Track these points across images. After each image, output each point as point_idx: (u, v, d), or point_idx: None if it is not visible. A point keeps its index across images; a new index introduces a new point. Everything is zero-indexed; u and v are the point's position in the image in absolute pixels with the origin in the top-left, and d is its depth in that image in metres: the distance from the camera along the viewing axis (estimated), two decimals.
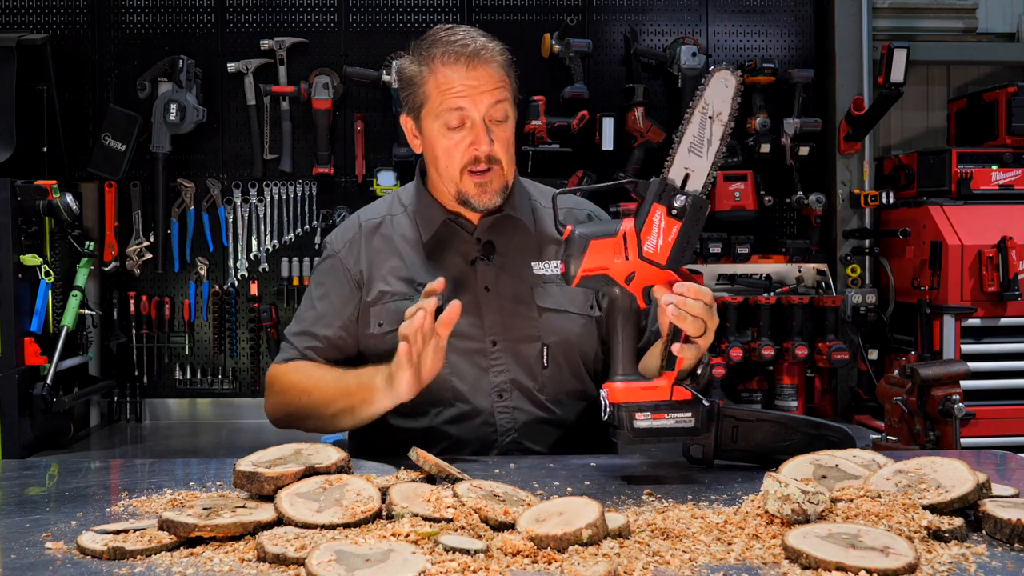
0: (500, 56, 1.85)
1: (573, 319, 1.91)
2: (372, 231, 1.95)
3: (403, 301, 1.86)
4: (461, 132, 1.82)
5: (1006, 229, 3.24)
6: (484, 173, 1.83)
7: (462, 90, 1.80)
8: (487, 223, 1.90)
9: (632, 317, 1.55)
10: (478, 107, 1.81)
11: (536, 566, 1.10)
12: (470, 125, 1.81)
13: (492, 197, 1.85)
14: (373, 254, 1.93)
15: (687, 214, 1.52)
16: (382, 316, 1.88)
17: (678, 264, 1.52)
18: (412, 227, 1.94)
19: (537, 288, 1.89)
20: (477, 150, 1.81)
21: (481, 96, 1.81)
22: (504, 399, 1.87)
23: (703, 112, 1.56)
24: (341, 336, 1.92)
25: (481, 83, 1.81)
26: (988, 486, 1.27)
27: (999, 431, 3.18)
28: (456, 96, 1.80)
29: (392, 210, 1.98)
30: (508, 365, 1.87)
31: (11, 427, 2.83)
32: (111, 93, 3.54)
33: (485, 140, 1.81)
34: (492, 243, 1.90)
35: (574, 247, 1.54)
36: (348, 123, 3.59)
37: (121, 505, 1.40)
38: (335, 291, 1.94)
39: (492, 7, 3.60)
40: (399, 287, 1.89)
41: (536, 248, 1.92)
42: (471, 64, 1.81)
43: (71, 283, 3.12)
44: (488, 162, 1.82)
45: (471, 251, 1.90)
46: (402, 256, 1.92)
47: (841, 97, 3.62)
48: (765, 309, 3.42)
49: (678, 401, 1.52)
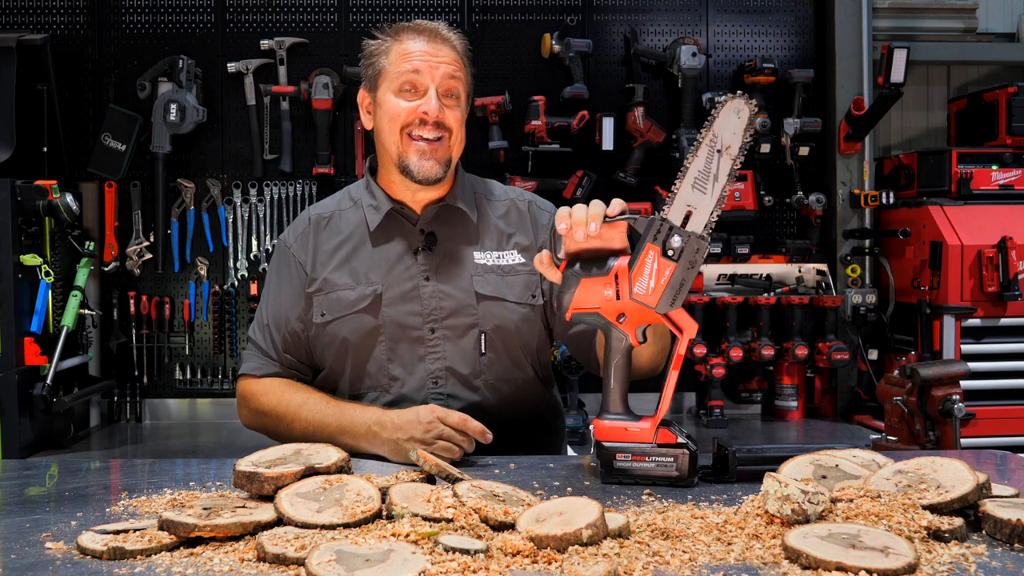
0: (459, 43, 1.95)
1: (512, 308, 1.95)
2: (321, 225, 2.02)
3: (344, 291, 1.94)
4: (413, 96, 1.89)
5: (1006, 229, 3.24)
6: (431, 142, 1.88)
7: (420, 56, 1.89)
8: (430, 213, 1.96)
9: (625, 356, 1.55)
10: (433, 73, 1.88)
11: (536, 566, 1.10)
12: (422, 91, 1.89)
13: (433, 166, 1.89)
14: (320, 246, 1.99)
15: (682, 256, 1.49)
16: (324, 306, 1.95)
17: (670, 306, 1.50)
18: (360, 219, 2.00)
19: (476, 277, 1.94)
20: (424, 111, 1.87)
21: (437, 66, 1.89)
22: (439, 386, 1.92)
23: (711, 145, 1.50)
24: (297, 329, 1.98)
25: (440, 56, 1.90)
26: (988, 486, 1.28)
27: (999, 431, 3.18)
28: (414, 60, 1.89)
29: (342, 204, 2.05)
30: (445, 352, 1.92)
31: (11, 427, 2.83)
32: (111, 93, 3.54)
33: (434, 103, 1.87)
34: (434, 234, 1.96)
35: (566, 283, 1.55)
36: (348, 123, 3.59)
37: (121, 505, 1.40)
38: (289, 284, 2.00)
39: (492, 7, 3.60)
40: (342, 278, 1.95)
41: (478, 238, 1.98)
42: (432, 39, 1.91)
43: (71, 283, 3.12)
44: (436, 128, 1.88)
45: (414, 241, 1.96)
46: (347, 249, 1.98)
47: (841, 97, 3.61)
48: (765, 309, 3.42)
49: (662, 445, 1.52)
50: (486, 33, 3.60)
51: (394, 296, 1.92)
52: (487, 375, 1.94)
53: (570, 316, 1.56)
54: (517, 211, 2.03)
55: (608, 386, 1.56)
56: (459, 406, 1.90)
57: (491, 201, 2.04)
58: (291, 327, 1.99)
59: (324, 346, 1.96)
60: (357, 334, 1.92)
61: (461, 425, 1.71)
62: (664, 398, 1.53)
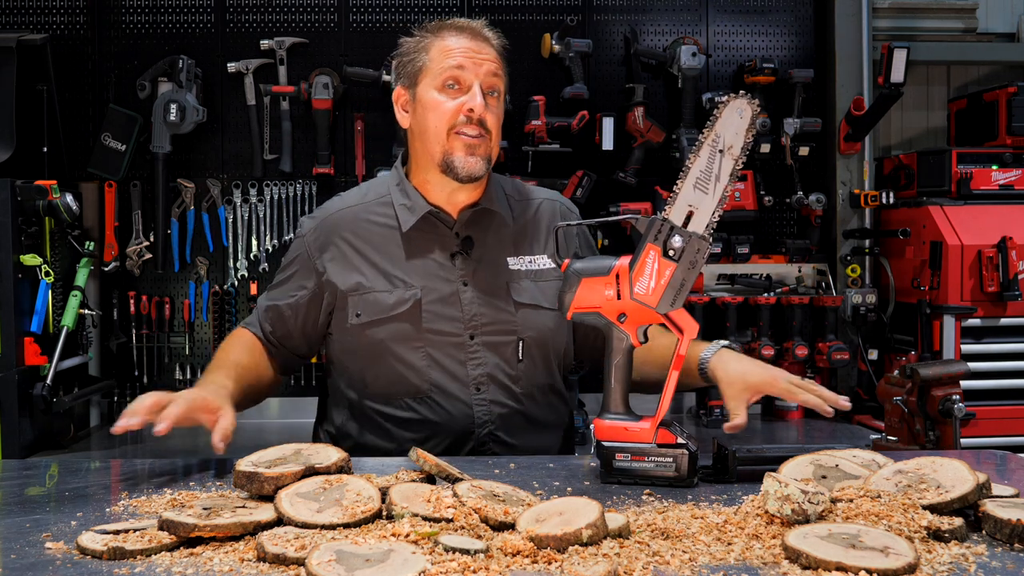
0: (499, 43, 1.93)
1: (546, 314, 1.94)
2: (345, 220, 1.98)
3: (381, 293, 1.91)
4: (456, 93, 1.87)
5: (1006, 229, 3.23)
6: (473, 138, 1.86)
7: (464, 52, 1.87)
8: (466, 217, 1.93)
9: (626, 355, 1.55)
10: (477, 70, 1.86)
11: (536, 566, 1.10)
12: (466, 87, 1.86)
13: (477, 162, 1.87)
14: (344, 244, 1.96)
15: (683, 257, 1.49)
16: (360, 307, 1.92)
17: (671, 307, 1.51)
18: (390, 218, 1.96)
19: (512, 284, 1.92)
20: (470, 107, 1.84)
21: (481, 64, 1.87)
22: (481, 392, 1.90)
23: (713, 145, 1.50)
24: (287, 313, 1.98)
25: (482, 53, 1.88)
26: (988, 486, 1.28)
27: (999, 431, 3.18)
28: (458, 56, 1.86)
29: (366, 201, 2.00)
30: (485, 358, 1.90)
31: (11, 427, 2.82)
32: (111, 93, 3.54)
33: (480, 99, 1.85)
34: (471, 237, 1.93)
35: (567, 283, 1.55)
36: (348, 123, 3.59)
37: (121, 505, 1.40)
38: (294, 270, 2.00)
39: (492, 7, 3.59)
40: (377, 279, 1.92)
41: (512, 243, 1.95)
42: (475, 37, 1.89)
43: (71, 283, 3.11)
44: (479, 126, 1.85)
45: (450, 246, 1.93)
46: (378, 249, 1.94)
47: (841, 97, 3.61)
48: (765, 309, 3.42)
49: (661, 445, 1.51)
50: None
51: (433, 301, 1.89)
52: (524, 381, 1.92)
53: (571, 316, 1.57)
54: (550, 213, 2.02)
55: (608, 386, 1.56)
56: (501, 412, 1.90)
57: (523, 202, 2.02)
58: (283, 311, 1.99)
59: (358, 348, 1.92)
60: (397, 338, 1.89)
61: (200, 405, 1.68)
62: (664, 398, 1.53)
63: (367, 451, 1.92)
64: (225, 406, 1.69)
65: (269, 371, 2.00)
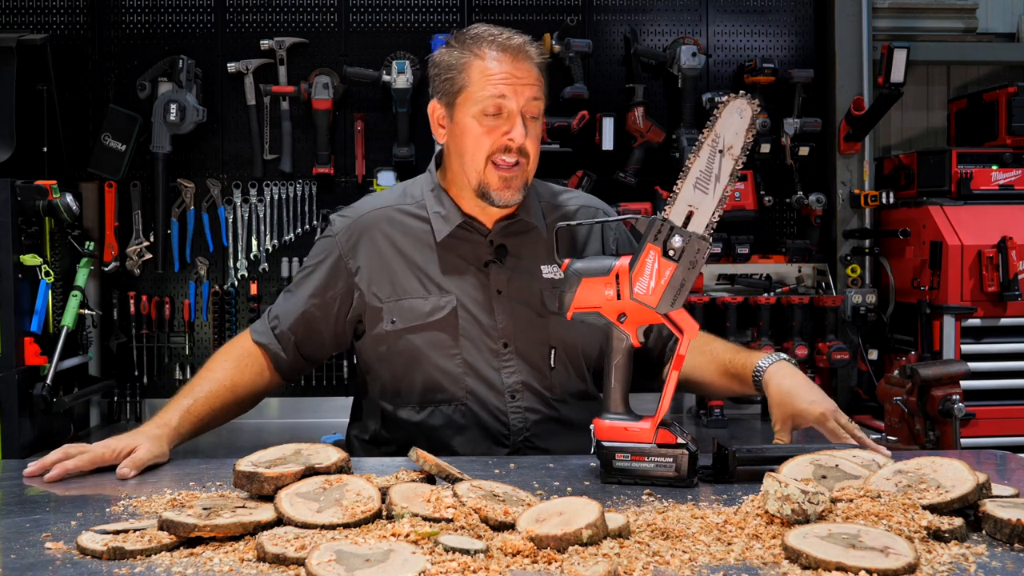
0: (539, 58, 1.88)
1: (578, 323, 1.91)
2: (377, 223, 1.94)
3: (416, 299, 1.89)
4: (497, 121, 1.82)
5: (1006, 229, 3.23)
6: (512, 167, 1.82)
7: (506, 78, 1.81)
8: (500, 227, 1.91)
9: (626, 355, 1.55)
10: (518, 98, 1.81)
11: (536, 566, 1.10)
12: (507, 115, 1.82)
13: (514, 193, 1.85)
14: (376, 248, 1.92)
15: (683, 257, 1.49)
16: (395, 313, 1.89)
17: (671, 307, 1.50)
18: (424, 224, 1.93)
19: (546, 292, 1.90)
20: (511, 138, 1.81)
21: (523, 88, 1.82)
22: (516, 400, 1.89)
23: (713, 145, 1.50)
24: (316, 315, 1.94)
25: (524, 77, 1.83)
26: (988, 486, 1.28)
27: (999, 431, 3.18)
28: (500, 83, 1.81)
29: (401, 204, 1.97)
30: (519, 367, 1.89)
31: (11, 427, 2.83)
32: (111, 93, 3.54)
33: (521, 130, 1.81)
34: (504, 246, 1.91)
35: (567, 283, 1.55)
36: (348, 123, 3.59)
37: (121, 505, 1.40)
38: (326, 271, 1.95)
39: (492, 7, 3.60)
40: (412, 285, 1.90)
41: (546, 252, 1.92)
42: (516, 57, 1.84)
43: (71, 283, 3.12)
44: (519, 154, 1.82)
45: (484, 254, 1.91)
46: (412, 254, 1.92)
47: (841, 97, 3.61)
48: (765, 309, 3.42)
49: (661, 445, 1.51)
50: None
51: (468, 308, 1.88)
52: (557, 389, 1.92)
53: (571, 316, 1.57)
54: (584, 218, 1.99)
55: (609, 386, 1.56)
56: (536, 419, 1.89)
57: (559, 209, 1.99)
58: (306, 307, 1.94)
59: (392, 354, 1.90)
60: (433, 345, 1.88)
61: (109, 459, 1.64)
62: (664, 398, 1.53)
63: None
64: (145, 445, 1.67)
65: (259, 384, 1.95)
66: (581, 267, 1.56)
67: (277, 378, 1.98)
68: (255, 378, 1.93)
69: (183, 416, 1.80)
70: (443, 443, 1.88)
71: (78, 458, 1.61)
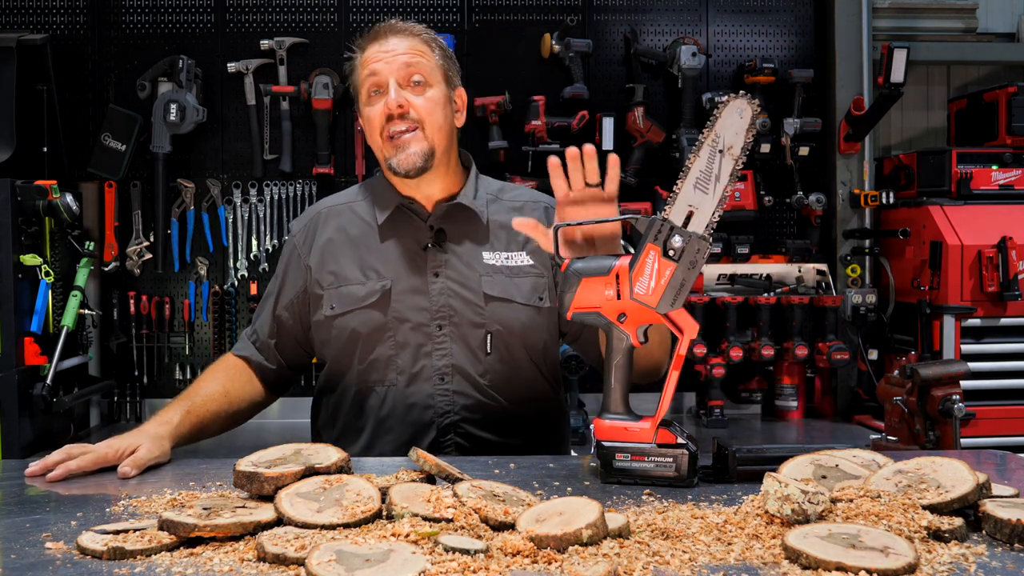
0: (416, 30, 1.95)
1: (519, 309, 1.95)
2: (330, 217, 2.03)
3: (354, 285, 1.95)
4: (380, 97, 1.90)
5: (1006, 229, 3.24)
6: (403, 134, 1.88)
7: (375, 57, 1.91)
8: (440, 210, 1.96)
9: (626, 355, 1.55)
10: (389, 67, 1.89)
11: (536, 566, 1.10)
12: (384, 89, 1.89)
13: (410, 158, 1.89)
14: (326, 240, 2.00)
15: (683, 257, 1.49)
16: (334, 300, 1.96)
17: (671, 307, 1.50)
18: (371, 213, 2.00)
19: (485, 277, 1.94)
20: (387, 104, 1.88)
21: (392, 60, 1.90)
22: (445, 382, 1.92)
23: (713, 145, 1.50)
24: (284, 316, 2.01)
25: (393, 49, 1.91)
26: (988, 486, 1.27)
27: (999, 431, 3.18)
28: (371, 63, 1.91)
29: (355, 198, 2.05)
30: (451, 350, 1.93)
31: (11, 427, 2.83)
32: (111, 93, 3.54)
33: (394, 95, 1.87)
34: (444, 230, 1.96)
35: (567, 283, 1.55)
36: (348, 123, 3.59)
37: (121, 505, 1.40)
38: (287, 274, 2.03)
39: (492, 7, 3.60)
40: (351, 271, 1.96)
41: (487, 238, 1.97)
42: (384, 36, 1.92)
43: (71, 283, 3.12)
44: (402, 119, 1.88)
45: (423, 237, 1.96)
46: (357, 243, 1.98)
47: (841, 97, 3.62)
48: (765, 309, 3.42)
49: (661, 445, 1.51)
50: (486, 33, 3.60)
51: (403, 291, 1.93)
52: (492, 375, 1.94)
53: (571, 315, 1.57)
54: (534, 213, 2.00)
55: (609, 386, 1.56)
56: (465, 403, 1.91)
57: (504, 202, 2.03)
58: (277, 312, 2.01)
59: (331, 339, 1.96)
60: (366, 327, 1.92)
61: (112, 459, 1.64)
62: (664, 398, 1.53)
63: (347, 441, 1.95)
64: (146, 445, 1.67)
65: (250, 393, 2.01)
66: (581, 267, 1.56)
67: (266, 390, 2.04)
68: (246, 386, 2.00)
69: (184, 416, 1.82)
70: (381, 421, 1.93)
71: (81, 458, 1.62)
